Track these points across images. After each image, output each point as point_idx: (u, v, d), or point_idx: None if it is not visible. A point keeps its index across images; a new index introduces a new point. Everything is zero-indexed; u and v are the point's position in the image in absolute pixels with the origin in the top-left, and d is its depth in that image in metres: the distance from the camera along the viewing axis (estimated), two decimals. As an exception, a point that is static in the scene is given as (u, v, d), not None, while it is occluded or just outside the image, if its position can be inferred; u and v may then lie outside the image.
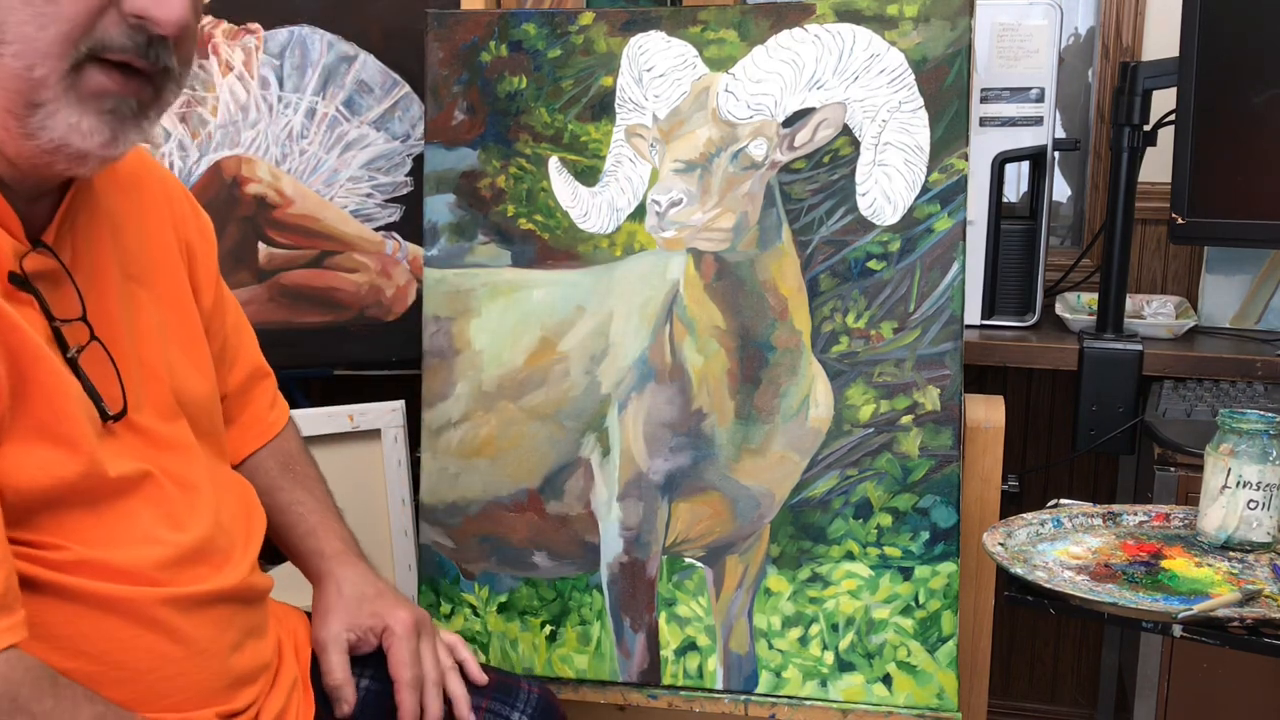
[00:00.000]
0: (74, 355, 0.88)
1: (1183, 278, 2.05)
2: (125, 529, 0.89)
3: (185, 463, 0.97)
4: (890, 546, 1.39)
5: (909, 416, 1.39)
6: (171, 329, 1.00)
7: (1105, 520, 1.24)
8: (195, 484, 0.97)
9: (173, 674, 0.91)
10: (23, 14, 0.77)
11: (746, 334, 1.42)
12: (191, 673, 0.92)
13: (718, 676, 1.42)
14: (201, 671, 0.93)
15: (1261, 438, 1.12)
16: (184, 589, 0.92)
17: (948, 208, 1.38)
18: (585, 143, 1.48)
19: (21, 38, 0.77)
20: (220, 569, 0.97)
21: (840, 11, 1.40)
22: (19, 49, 0.77)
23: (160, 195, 1.03)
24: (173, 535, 0.92)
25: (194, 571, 0.94)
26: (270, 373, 1.21)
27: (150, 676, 0.90)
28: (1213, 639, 0.99)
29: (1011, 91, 1.76)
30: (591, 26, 1.48)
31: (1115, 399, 1.67)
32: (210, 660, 0.94)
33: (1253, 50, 1.58)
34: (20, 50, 0.77)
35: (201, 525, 0.96)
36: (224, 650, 0.96)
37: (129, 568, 0.89)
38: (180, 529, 0.93)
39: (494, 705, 1.13)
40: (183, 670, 0.92)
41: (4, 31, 0.77)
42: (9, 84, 0.78)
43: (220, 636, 0.95)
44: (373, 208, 1.66)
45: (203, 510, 0.97)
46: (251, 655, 0.99)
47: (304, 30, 1.62)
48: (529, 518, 1.48)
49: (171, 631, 0.91)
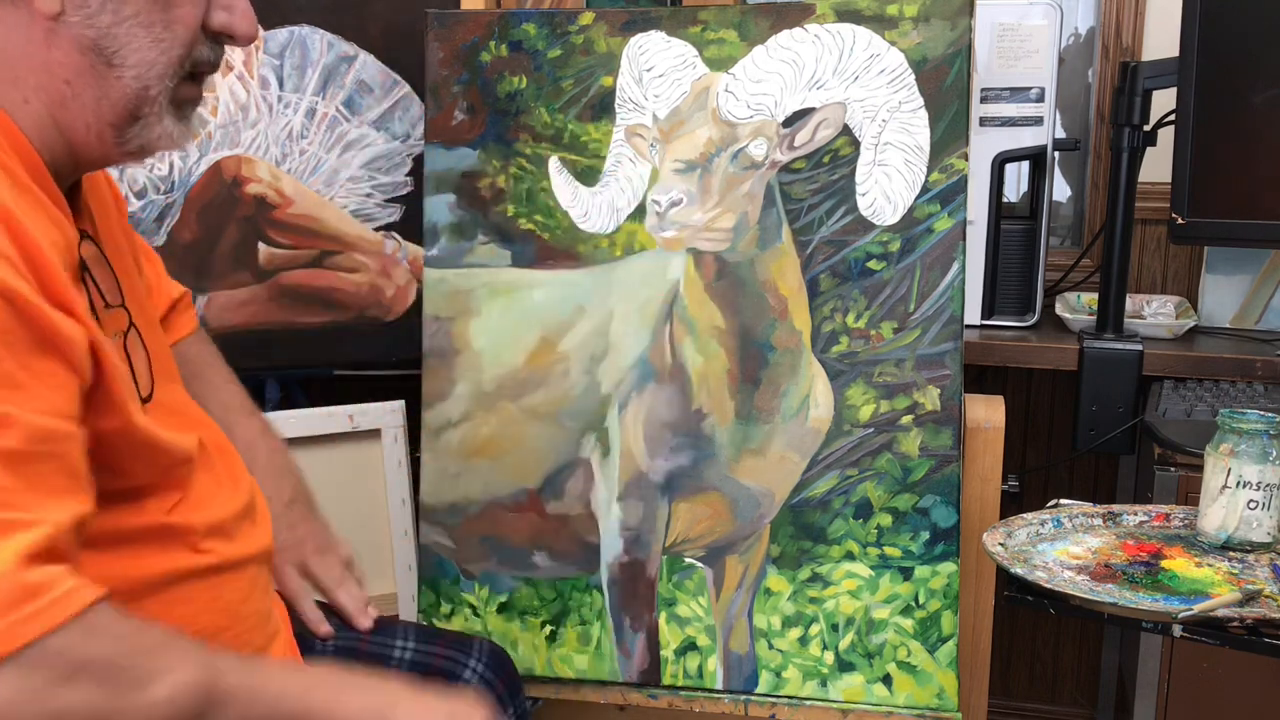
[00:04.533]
0: (117, 340, 0.90)
1: (1183, 278, 2.05)
2: (204, 494, 0.94)
3: (215, 430, 1.02)
4: (890, 546, 1.39)
5: (909, 416, 1.39)
6: (145, 306, 1.02)
7: (1105, 520, 1.24)
8: (228, 447, 1.03)
9: (243, 630, 0.95)
10: (143, 40, 0.83)
11: (746, 334, 1.42)
12: (251, 631, 0.97)
13: (718, 676, 1.42)
14: (258, 630, 0.98)
15: (1261, 438, 1.12)
16: (247, 545, 0.97)
17: (948, 208, 1.38)
18: (585, 143, 1.48)
19: (142, 62, 0.84)
20: (258, 524, 1.01)
21: (840, 11, 1.40)
22: (139, 72, 0.84)
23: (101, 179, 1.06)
24: (232, 495, 0.98)
25: (245, 526, 0.98)
26: (187, 292, 1.24)
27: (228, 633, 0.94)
28: (1213, 639, 1.00)
29: (1011, 91, 1.76)
30: (591, 26, 1.48)
31: (1115, 399, 1.67)
32: (262, 618, 0.99)
33: (1253, 50, 1.58)
34: (140, 73, 0.84)
35: (244, 482, 1.01)
36: (267, 609, 1.01)
37: (211, 525, 0.93)
38: (230, 488, 0.98)
39: (450, 653, 1.17)
40: (249, 627, 0.96)
41: (125, 56, 0.83)
42: (121, 102, 0.84)
43: (265, 597, 1.01)
44: (373, 208, 1.66)
45: (240, 469, 1.02)
46: (277, 614, 1.04)
47: (304, 30, 1.62)
48: (529, 518, 1.48)
49: (239, 588, 0.95)
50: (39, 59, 0.81)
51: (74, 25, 0.81)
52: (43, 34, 0.81)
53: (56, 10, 0.81)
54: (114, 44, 0.82)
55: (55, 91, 0.82)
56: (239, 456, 1.05)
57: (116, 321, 0.91)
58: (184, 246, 1.62)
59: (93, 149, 0.86)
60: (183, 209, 1.62)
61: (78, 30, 0.81)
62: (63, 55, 0.82)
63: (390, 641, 1.17)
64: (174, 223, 1.62)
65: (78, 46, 0.82)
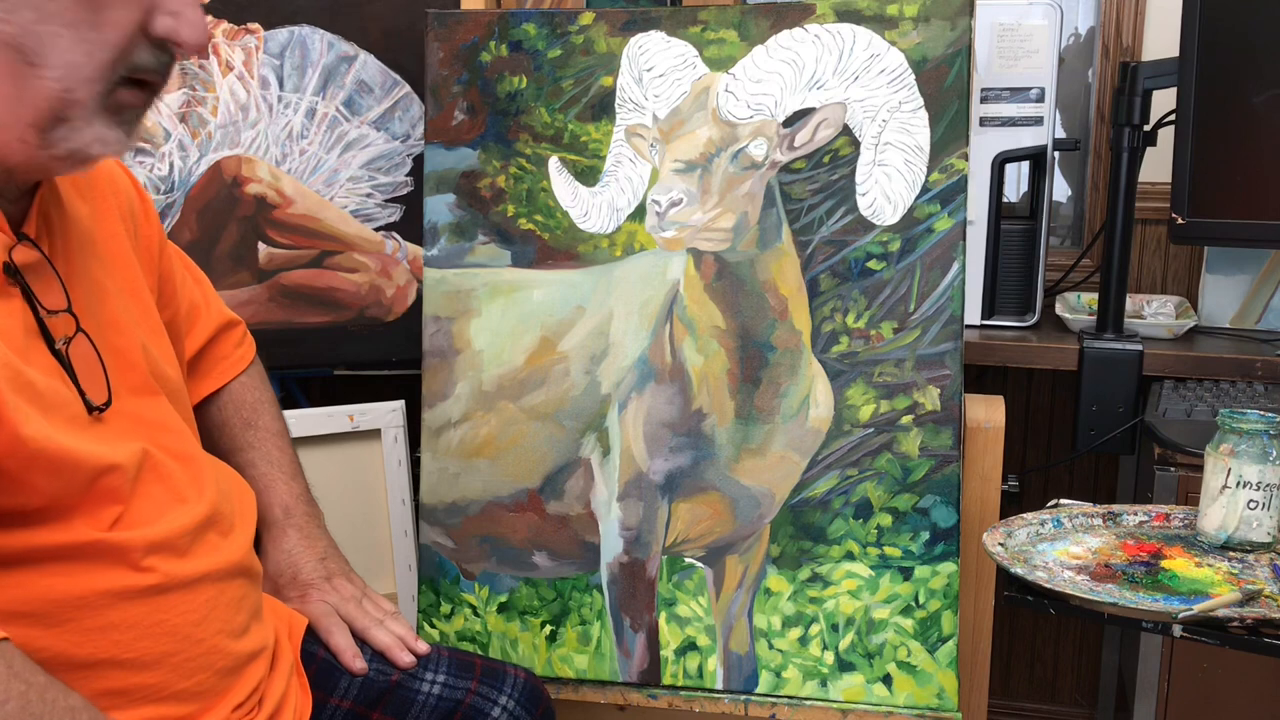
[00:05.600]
0: (61, 347, 0.88)
1: (1183, 278, 2.05)
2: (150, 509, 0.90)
3: (177, 438, 0.98)
4: (890, 546, 1.39)
5: (909, 416, 1.39)
6: (137, 317, 1.01)
7: (1105, 520, 1.24)
8: (192, 455, 0.99)
9: (193, 655, 0.91)
10: (68, 40, 0.78)
11: (746, 334, 1.42)
12: (207, 655, 0.92)
13: (718, 676, 1.42)
14: (216, 654, 0.93)
15: (1261, 438, 1.12)
16: (204, 562, 0.93)
17: (948, 208, 1.38)
18: (585, 143, 1.48)
19: (66, 63, 0.78)
20: (228, 536, 0.98)
21: (840, 11, 1.40)
22: (62, 73, 0.79)
23: (106, 184, 1.04)
24: (183, 507, 0.93)
25: (207, 540, 0.94)
26: (239, 321, 1.23)
27: (174, 659, 0.90)
28: (1213, 639, 0.99)
29: (1011, 91, 1.76)
30: (591, 26, 1.48)
31: (1115, 399, 1.67)
32: (225, 641, 0.94)
33: (1253, 50, 1.58)
34: (63, 75, 0.79)
35: (208, 493, 0.97)
36: (237, 630, 0.96)
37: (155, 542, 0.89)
38: (187, 501, 0.94)
39: (482, 689, 1.14)
40: (202, 652, 0.92)
41: (46, 56, 0.78)
42: (42, 103, 0.79)
43: (234, 617, 0.96)
44: (373, 208, 1.66)
45: (205, 479, 0.98)
46: (256, 637, 0.99)
47: (304, 30, 1.62)
48: (529, 518, 1.48)
49: (192, 610, 0.91)
50: None
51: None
52: None
53: None
54: (34, 42, 0.77)
55: None
56: (212, 465, 1.01)
57: (63, 327, 0.88)
58: (184, 246, 1.62)
59: (15, 151, 0.81)
60: (183, 209, 1.62)
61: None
62: None
63: (420, 674, 1.13)
64: (174, 223, 1.62)
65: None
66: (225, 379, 1.20)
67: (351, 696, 1.10)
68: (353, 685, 1.11)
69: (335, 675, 1.11)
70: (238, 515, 1.01)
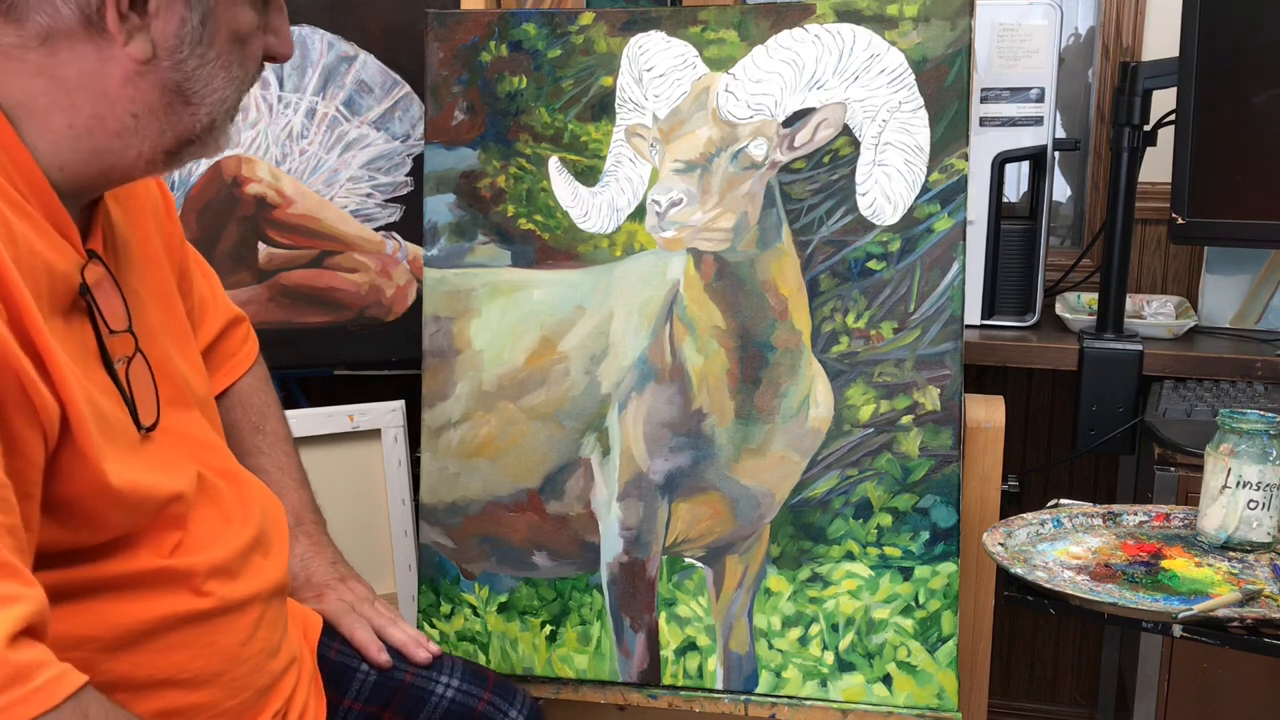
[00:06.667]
0: (120, 367, 0.86)
1: (1183, 278, 2.05)
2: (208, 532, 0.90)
3: (220, 455, 0.98)
4: (890, 546, 1.39)
5: (909, 416, 1.39)
6: (170, 328, 0.99)
7: (1105, 520, 1.24)
8: (235, 473, 0.99)
9: (240, 674, 0.92)
10: (221, 80, 0.85)
11: (746, 334, 1.42)
12: (251, 674, 0.93)
13: (718, 676, 1.42)
14: (259, 672, 0.94)
15: (1261, 438, 1.12)
16: (252, 584, 0.93)
17: (948, 208, 1.38)
18: (585, 143, 1.48)
19: (217, 100, 0.85)
20: (269, 556, 0.98)
21: (840, 11, 1.40)
22: (211, 108, 0.85)
23: (142, 189, 1.03)
24: (231, 528, 0.94)
25: (253, 563, 0.94)
26: (244, 317, 1.23)
27: (223, 678, 0.90)
28: (1213, 639, 0.99)
29: (1011, 91, 1.76)
30: (591, 26, 1.48)
31: (1115, 399, 1.67)
32: (266, 659, 0.95)
33: (1253, 50, 1.58)
34: (213, 109, 0.85)
35: (253, 513, 0.97)
36: (275, 648, 0.96)
37: (214, 566, 0.89)
38: (234, 521, 0.94)
39: (495, 699, 1.15)
40: (247, 671, 0.92)
41: (203, 95, 0.84)
42: (185, 132, 0.84)
43: (273, 635, 0.96)
44: (373, 208, 1.66)
45: (251, 499, 0.98)
46: (287, 652, 1.00)
47: (304, 30, 1.62)
48: (529, 518, 1.48)
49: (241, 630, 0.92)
50: (104, 90, 0.80)
51: (163, 70, 0.81)
52: (122, 73, 0.80)
53: (148, 56, 0.80)
54: (195, 85, 0.83)
55: (114, 121, 0.81)
56: (251, 481, 1.01)
57: (122, 347, 0.87)
58: (184, 246, 1.62)
59: (131, 170, 0.85)
60: (183, 209, 1.62)
61: (165, 74, 0.81)
62: (139, 94, 0.81)
63: (435, 676, 1.14)
64: (174, 223, 1.62)
65: (160, 88, 0.81)
66: (233, 377, 1.19)
67: (364, 698, 1.11)
68: (365, 686, 1.11)
69: (348, 677, 1.11)
70: (274, 534, 1.01)
